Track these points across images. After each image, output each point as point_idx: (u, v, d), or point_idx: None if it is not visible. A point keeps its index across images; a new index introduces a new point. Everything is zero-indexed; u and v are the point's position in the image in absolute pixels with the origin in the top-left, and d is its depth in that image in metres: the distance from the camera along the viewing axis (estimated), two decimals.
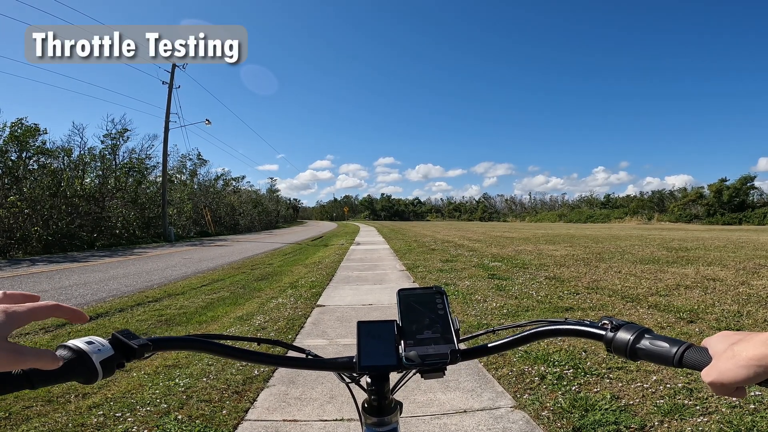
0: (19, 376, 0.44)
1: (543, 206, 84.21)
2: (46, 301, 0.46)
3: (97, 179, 23.11)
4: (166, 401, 2.70)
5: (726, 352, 0.44)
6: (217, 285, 7.59)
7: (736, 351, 0.43)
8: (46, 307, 0.45)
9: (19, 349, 0.41)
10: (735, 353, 0.43)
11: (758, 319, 4.35)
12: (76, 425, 2.40)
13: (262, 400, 2.75)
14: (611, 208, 62.73)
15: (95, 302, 6.21)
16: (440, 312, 0.65)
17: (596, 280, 6.81)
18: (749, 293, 5.58)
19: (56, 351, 0.48)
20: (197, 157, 37.09)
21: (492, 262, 9.69)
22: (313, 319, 4.85)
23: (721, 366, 0.44)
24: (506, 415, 2.52)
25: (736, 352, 0.43)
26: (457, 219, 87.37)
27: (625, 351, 0.54)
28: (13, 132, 18.35)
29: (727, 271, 7.53)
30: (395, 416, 0.66)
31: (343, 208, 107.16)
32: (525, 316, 4.73)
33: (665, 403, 2.52)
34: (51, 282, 8.20)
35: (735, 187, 44.85)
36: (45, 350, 0.44)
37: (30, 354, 0.42)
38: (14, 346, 0.41)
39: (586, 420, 2.38)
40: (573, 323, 0.62)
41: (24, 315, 0.43)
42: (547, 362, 3.22)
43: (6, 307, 0.43)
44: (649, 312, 4.78)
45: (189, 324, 4.89)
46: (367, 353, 0.63)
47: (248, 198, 47.25)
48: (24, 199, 17.00)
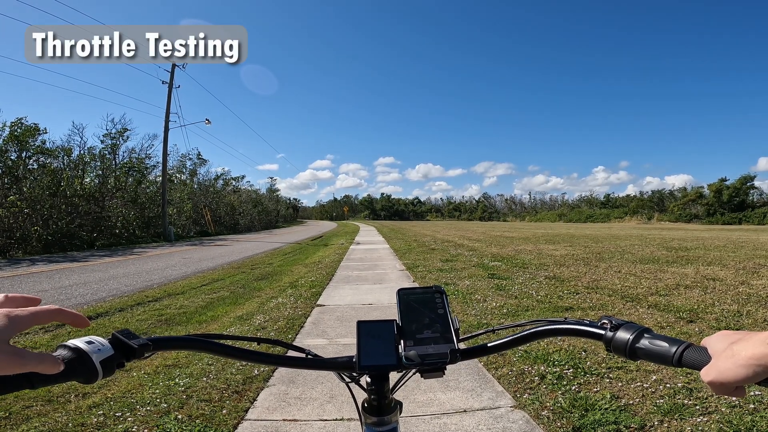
0: (19, 376, 0.44)
1: (543, 206, 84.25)
2: (48, 305, 0.46)
3: (96, 179, 23.11)
4: (166, 401, 2.70)
5: (725, 351, 0.44)
6: (217, 285, 7.59)
7: (735, 350, 0.43)
8: (48, 312, 0.45)
9: (21, 353, 0.41)
10: (734, 352, 0.43)
11: (758, 319, 4.35)
12: (76, 425, 2.40)
13: (262, 400, 2.76)
14: (611, 208, 62.75)
15: (95, 302, 6.21)
16: (440, 311, 0.65)
17: (596, 280, 6.82)
18: (749, 293, 5.59)
19: (56, 350, 0.48)
20: (197, 157, 37.13)
21: (492, 261, 9.69)
22: (313, 319, 4.85)
23: (720, 365, 0.44)
24: (506, 414, 2.52)
25: (736, 352, 0.43)
26: (457, 219, 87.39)
27: (624, 350, 0.54)
28: (13, 131, 18.34)
29: (727, 270, 7.53)
30: (395, 416, 0.66)
31: (342, 207, 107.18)
32: (525, 316, 4.74)
33: (665, 403, 2.52)
34: (51, 282, 8.20)
35: (735, 186, 44.87)
36: (47, 354, 0.44)
37: (32, 358, 0.42)
38: (16, 350, 0.41)
39: (586, 420, 2.38)
40: (573, 323, 0.62)
41: (26, 319, 0.43)
42: (547, 362, 3.22)
43: (8, 310, 0.43)
44: (649, 312, 4.79)
45: (189, 323, 4.89)
46: (366, 353, 0.63)
47: (248, 198, 47.25)
48: (24, 198, 16.99)
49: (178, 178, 33.95)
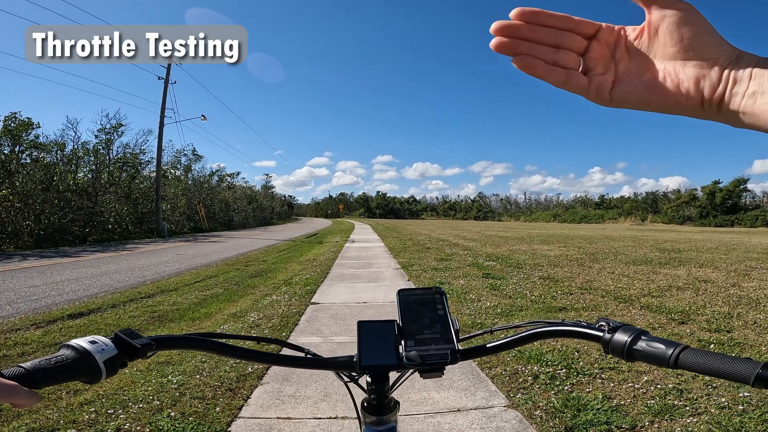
0: (23, 375, 0.44)
1: (538, 206, 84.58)
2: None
3: (90, 174, 22.94)
4: (159, 398, 2.69)
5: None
6: (211, 281, 7.56)
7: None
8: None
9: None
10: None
11: (748, 321, 4.40)
12: (68, 422, 2.39)
13: (256, 398, 2.75)
14: (605, 209, 63.13)
15: (87, 298, 6.17)
16: (440, 312, 0.66)
17: (589, 281, 6.86)
18: (740, 295, 5.65)
19: (59, 350, 0.48)
20: (192, 153, 36.89)
21: (486, 261, 9.73)
22: (308, 317, 4.85)
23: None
24: (499, 414, 2.54)
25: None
26: (452, 218, 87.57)
27: (622, 352, 0.55)
28: (7, 126, 18.16)
29: (719, 272, 7.61)
30: (394, 415, 0.67)
31: (338, 205, 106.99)
32: (519, 316, 4.76)
33: (656, 404, 2.54)
34: (42, 277, 8.13)
35: (728, 189, 45.29)
36: (18, 387, 0.42)
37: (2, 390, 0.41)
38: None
39: (578, 420, 2.40)
40: (571, 324, 0.62)
41: None
42: (541, 362, 3.24)
43: None
44: (641, 313, 4.83)
45: (182, 320, 4.87)
46: (367, 353, 0.63)
47: (243, 194, 47.04)
48: (16, 193, 16.82)
49: (173, 174, 33.73)
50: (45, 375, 0.45)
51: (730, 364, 0.48)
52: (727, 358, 0.49)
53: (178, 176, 34.47)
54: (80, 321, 4.77)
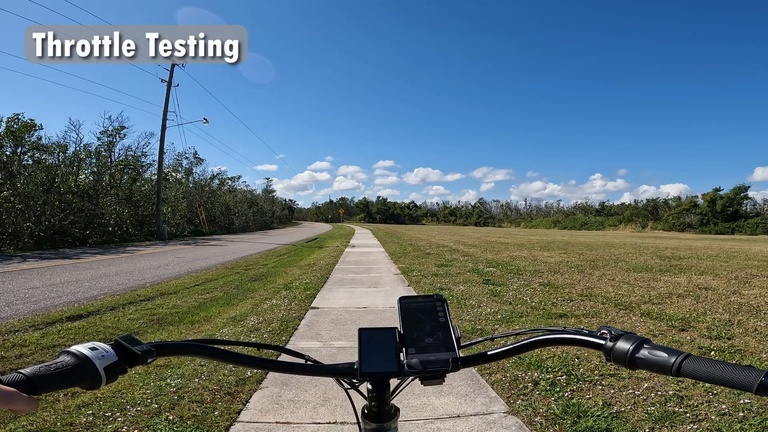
0: (22, 381, 0.44)
1: (538, 212, 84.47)
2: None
3: (91, 176, 22.97)
4: (157, 401, 2.68)
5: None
6: (211, 285, 7.55)
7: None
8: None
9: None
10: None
11: (749, 329, 4.38)
12: (65, 424, 2.38)
13: (255, 402, 2.74)
14: (606, 216, 63.04)
15: (86, 300, 6.16)
16: (441, 320, 0.66)
17: (590, 287, 6.85)
18: (740, 302, 5.63)
19: (59, 356, 0.48)
20: (194, 156, 37.00)
21: (487, 267, 9.71)
22: (307, 321, 4.83)
23: None
24: (499, 420, 2.52)
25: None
26: (453, 223, 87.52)
27: (624, 360, 0.54)
28: (9, 127, 18.23)
29: (719, 280, 7.59)
30: (394, 422, 0.67)
31: (338, 210, 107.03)
32: (519, 322, 4.75)
33: (656, 410, 2.53)
34: (42, 279, 8.12)
35: (728, 196, 45.25)
36: (17, 393, 0.42)
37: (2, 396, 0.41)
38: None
39: (578, 426, 2.39)
40: (573, 332, 0.62)
41: None
42: (541, 368, 3.22)
43: None
44: (642, 320, 4.81)
45: (181, 324, 4.86)
46: (368, 360, 0.63)
47: (243, 198, 47.08)
48: (17, 194, 16.84)
49: (174, 177, 33.80)
50: (45, 381, 0.45)
51: (733, 372, 0.48)
52: (729, 366, 0.48)
53: (180, 179, 34.53)
54: (79, 323, 4.76)
